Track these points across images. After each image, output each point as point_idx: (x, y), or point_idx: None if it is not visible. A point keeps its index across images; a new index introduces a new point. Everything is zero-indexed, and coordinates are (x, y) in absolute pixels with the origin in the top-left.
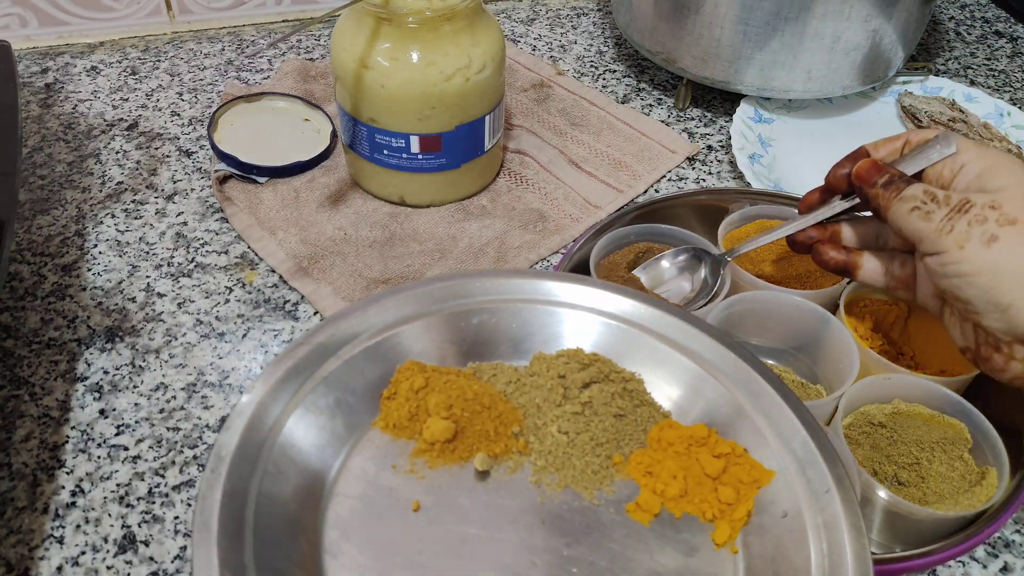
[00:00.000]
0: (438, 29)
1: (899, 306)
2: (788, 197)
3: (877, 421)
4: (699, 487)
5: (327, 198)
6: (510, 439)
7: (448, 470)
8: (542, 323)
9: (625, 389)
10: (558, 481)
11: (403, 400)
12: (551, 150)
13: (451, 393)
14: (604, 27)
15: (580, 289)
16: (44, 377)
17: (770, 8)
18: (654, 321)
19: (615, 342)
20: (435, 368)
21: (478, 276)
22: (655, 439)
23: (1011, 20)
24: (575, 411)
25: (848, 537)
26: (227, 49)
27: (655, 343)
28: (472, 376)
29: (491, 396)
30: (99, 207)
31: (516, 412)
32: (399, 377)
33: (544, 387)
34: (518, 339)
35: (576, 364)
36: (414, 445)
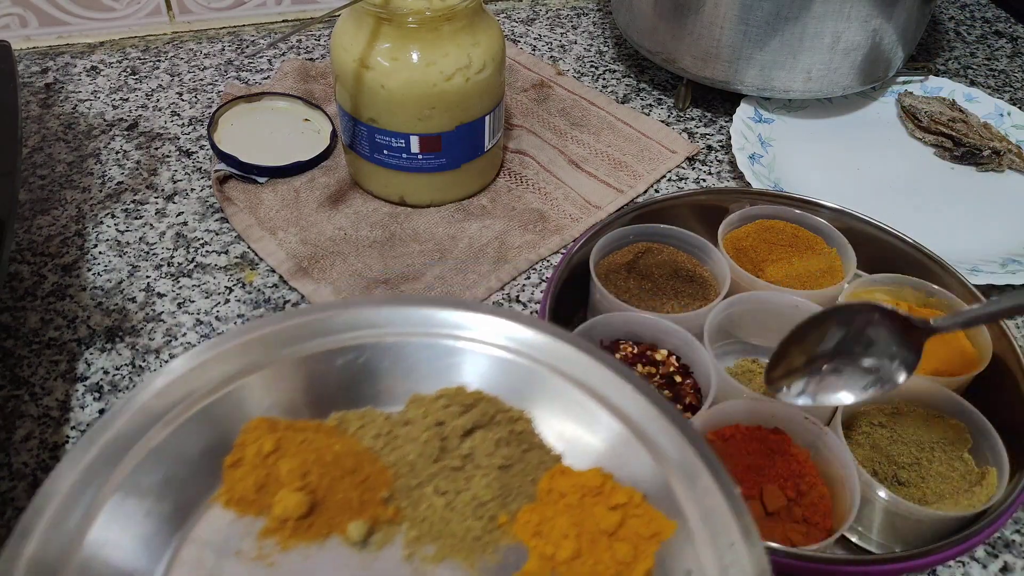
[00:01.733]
0: (438, 29)
1: (899, 306)
2: (788, 197)
3: (877, 421)
4: (594, 546)
5: (327, 198)
6: (378, 507)
7: (303, 551)
8: (419, 359)
9: (512, 432)
10: (435, 553)
11: (249, 468)
12: (551, 150)
13: (307, 457)
14: (604, 27)
15: (461, 316)
16: (44, 377)
17: (770, 8)
18: (545, 350)
19: (502, 376)
20: (289, 424)
21: (338, 308)
22: (545, 490)
23: (1011, 20)
24: (454, 466)
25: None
26: (227, 49)
27: (546, 375)
28: (335, 430)
29: (355, 456)
30: (99, 207)
31: (386, 473)
32: (244, 439)
33: (419, 439)
34: (391, 380)
35: (457, 407)
36: (263, 523)
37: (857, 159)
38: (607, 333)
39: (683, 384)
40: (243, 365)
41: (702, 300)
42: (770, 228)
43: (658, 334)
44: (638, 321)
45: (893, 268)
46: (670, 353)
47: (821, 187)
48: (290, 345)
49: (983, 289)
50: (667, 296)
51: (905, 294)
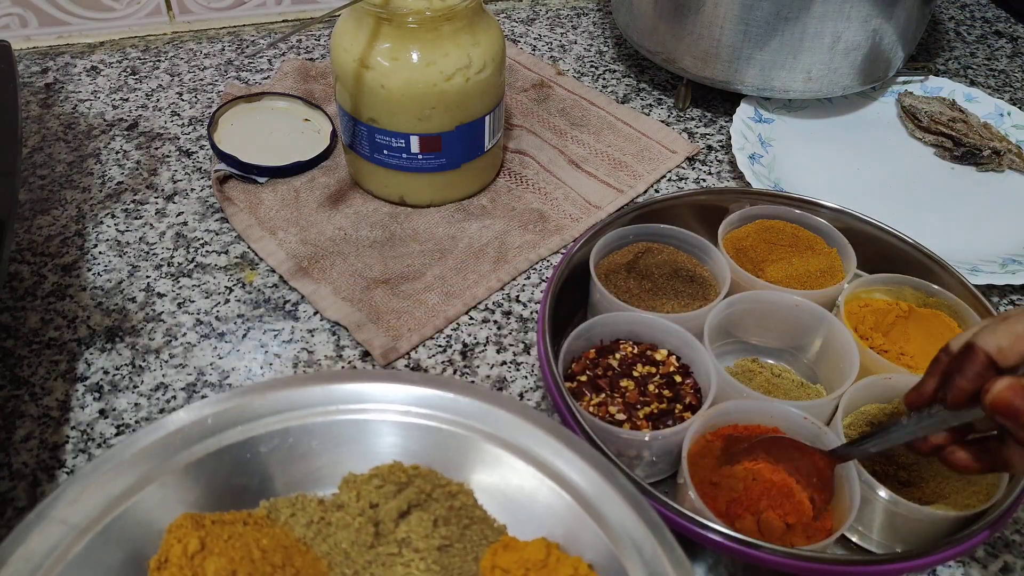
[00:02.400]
0: (438, 29)
1: (899, 306)
2: (788, 197)
3: (877, 421)
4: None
5: (327, 198)
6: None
7: None
8: (349, 437)
9: (451, 508)
10: None
11: (175, 570)
12: (551, 150)
13: (234, 555)
14: (604, 27)
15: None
16: (44, 377)
17: (770, 8)
18: (482, 418)
19: (438, 448)
20: (216, 518)
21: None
22: (488, 568)
23: (1011, 20)
24: (391, 552)
25: None
26: (227, 49)
27: (483, 442)
28: (264, 521)
29: (286, 549)
30: (99, 207)
31: (318, 564)
32: (169, 539)
33: (352, 526)
34: (322, 461)
35: (392, 486)
36: None
37: (857, 159)
38: (607, 333)
39: (683, 384)
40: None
41: (702, 300)
42: (770, 228)
43: (658, 334)
44: (638, 321)
45: (893, 268)
46: (670, 353)
47: (821, 187)
48: (211, 436)
49: (983, 289)
50: (667, 296)
51: (905, 294)
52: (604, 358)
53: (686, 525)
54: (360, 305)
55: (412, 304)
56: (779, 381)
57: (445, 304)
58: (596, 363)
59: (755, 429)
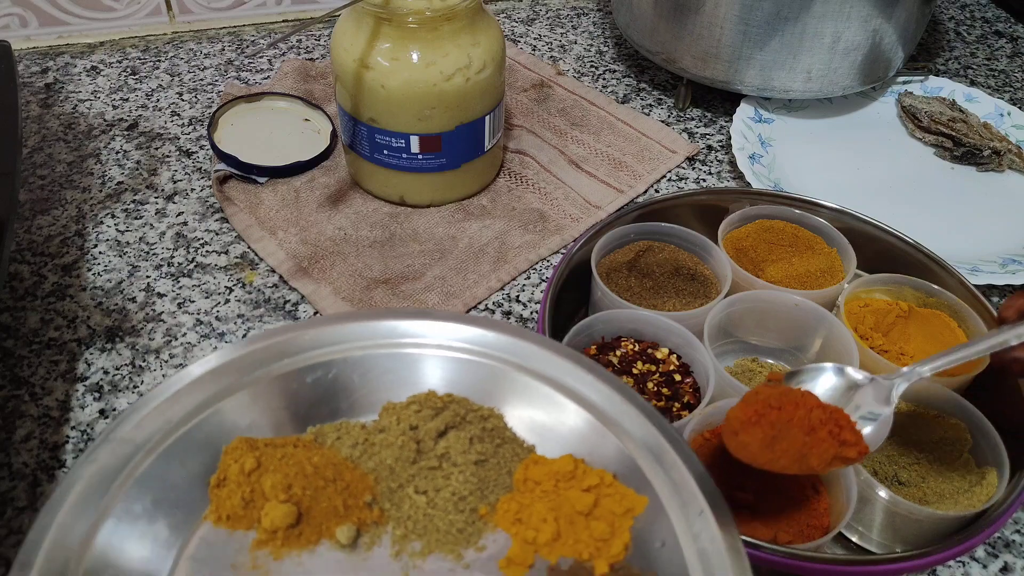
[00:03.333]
0: (438, 29)
1: (899, 306)
2: (788, 197)
3: None
4: (571, 527)
5: (327, 198)
6: (363, 510)
7: (296, 559)
8: (386, 369)
9: (484, 429)
10: (421, 549)
11: (234, 486)
12: (551, 150)
13: (288, 471)
14: (604, 27)
15: (423, 325)
16: (44, 377)
17: (770, 8)
18: (508, 349)
19: (469, 378)
20: (268, 442)
21: (304, 328)
22: (521, 480)
23: (1011, 20)
24: (432, 466)
25: (729, 562)
26: (227, 49)
27: (512, 372)
28: (312, 444)
29: (335, 466)
30: (99, 207)
31: (366, 478)
32: (226, 460)
33: (395, 444)
34: (362, 391)
35: (429, 411)
36: (254, 536)
37: (857, 159)
38: (608, 330)
39: (682, 383)
40: (216, 390)
41: (703, 298)
42: (770, 228)
43: (659, 332)
44: (639, 319)
45: (893, 268)
46: (670, 352)
47: (821, 187)
48: (261, 368)
49: (983, 289)
50: (668, 294)
51: (905, 294)
52: (605, 355)
53: None
54: (360, 305)
55: (412, 304)
56: None
57: (445, 304)
58: (596, 360)
59: None
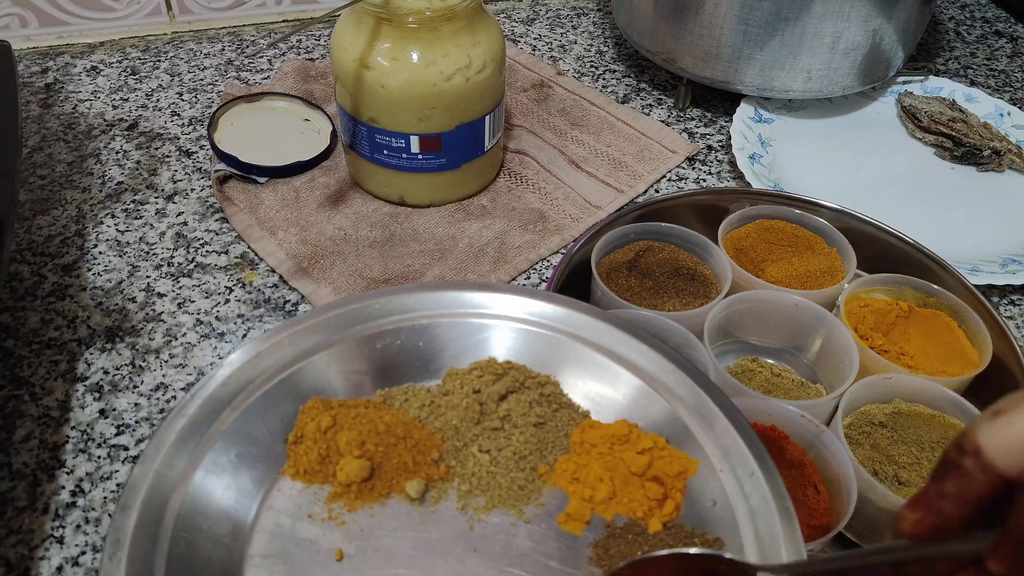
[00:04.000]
0: (438, 29)
1: (899, 306)
2: (788, 197)
3: (877, 421)
4: (627, 486)
5: (327, 198)
6: (431, 467)
7: (369, 511)
8: (450, 337)
9: (542, 395)
10: (485, 503)
11: (311, 443)
12: (551, 150)
13: (362, 428)
14: (604, 27)
15: (484, 296)
16: (44, 377)
17: (770, 8)
18: (563, 320)
19: (527, 347)
20: (342, 403)
21: (374, 297)
22: (577, 442)
23: (1011, 20)
24: (494, 427)
25: (779, 521)
26: (227, 49)
27: (567, 342)
28: (383, 405)
29: (405, 425)
30: (99, 207)
31: (433, 437)
32: (303, 418)
33: (460, 406)
34: (427, 358)
35: (490, 376)
36: (329, 489)
37: (857, 159)
38: None
39: None
40: (295, 353)
41: (703, 298)
42: (770, 228)
43: (659, 332)
44: (639, 319)
45: (893, 268)
46: None
47: (821, 187)
48: (335, 333)
49: (983, 289)
50: (668, 294)
51: (905, 294)
52: None
53: None
54: None
55: None
56: (779, 381)
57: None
58: None
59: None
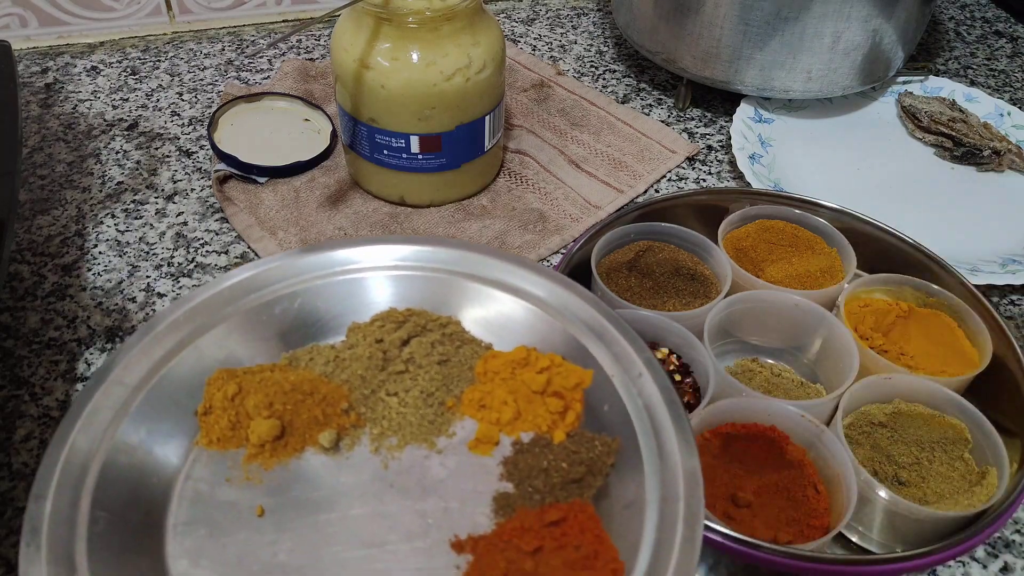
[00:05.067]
0: (438, 29)
1: (899, 306)
2: (788, 197)
3: (877, 421)
4: (530, 405)
5: (327, 198)
6: (341, 417)
7: (285, 467)
8: (348, 293)
9: (444, 335)
10: (397, 442)
11: (220, 411)
12: (551, 150)
13: (268, 390)
14: (604, 27)
15: (374, 249)
16: (44, 377)
17: (770, 8)
18: (457, 262)
19: (426, 293)
20: (246, 370)
21: (265, 264)
22: (481, 372)
23: (1011, 20)
24: (399, 371)
25: (667, 413)
26: (227, 49)
27: (463, 282)
28: (288, 367)
29: (311, 381)
30: (99, 207)
31: (341, 389)
32: (210, 389)
33: (364, 357)
34: (328, 316)
35: (392, 324)
36: (244, 452)
37: (857, 159)
38: None
39: (683, 383)
40: (192, 329)
41: (703, 298)
42: (770, 228)
43: (659, 332)
44: (639, 319)
45: (893, 268)
46: (670, 352)
47: (821, 187)
48: (231, 304)
49: (983, 289)
50: (668, 294)
51: (905, 294)
52: None
53: None
54: None
55: None
56: (779, 381)
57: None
58: None
59: (753, 428)
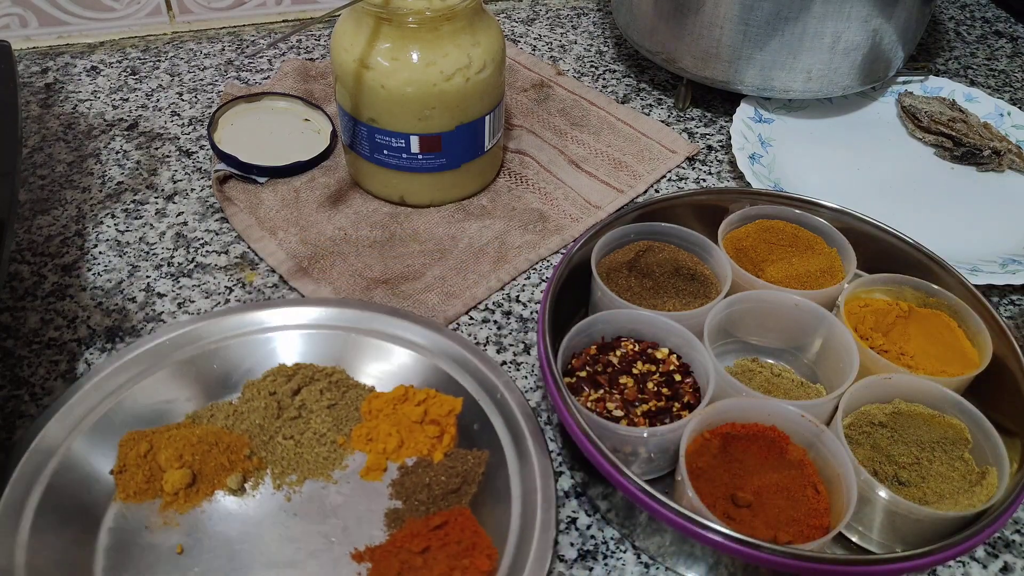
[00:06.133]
0: (438, 29)
1: (899, 306)
2: (788, 197)
3: (877, 421)
4: (411, 434)
5: (327, 198)
6: (245, 462)
7: (199, 509)
8: (243, 354)
9: (331, 382)
10: (297, 478)
11: (135, 468)
12: (551, 150)
13: (178, 444)
14: (604, 27)
15: (266, 313)
16: (44, 377)
17: (770, 8)
18: (337, 318)
19: (311, 347)
20: (154, 431)
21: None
22: (367, 411)
23: (1011, 20)
24: (293, 416)
25: (524, 424)
26: (227, 49)
27: (344, 335)
28: (191, 424)
29: (215, 433)
30: (99, 207)
31: (242, 438)
32: (123, 451)
33: (260, 408)
34: (223, 376)
35: (282, 378)
36: (160, 501)
37: (857, 159)
38: (608, 330)
39: (683, 383)
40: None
41: (703, 298)
42: (770, 228)
43: (659, 332)
44: (639, 319)
45: (893, 268)
46: (670, 352)
47: (821, 187)
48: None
49: (983, 289)
50: (668, 294)
51: (905, 294)
52: (605, 355)
53: (685, 524)
54: None
55: (412, 304)
56: (779, 381)
57: (445, 304)
58: (596, 359)
59: (753, 428)
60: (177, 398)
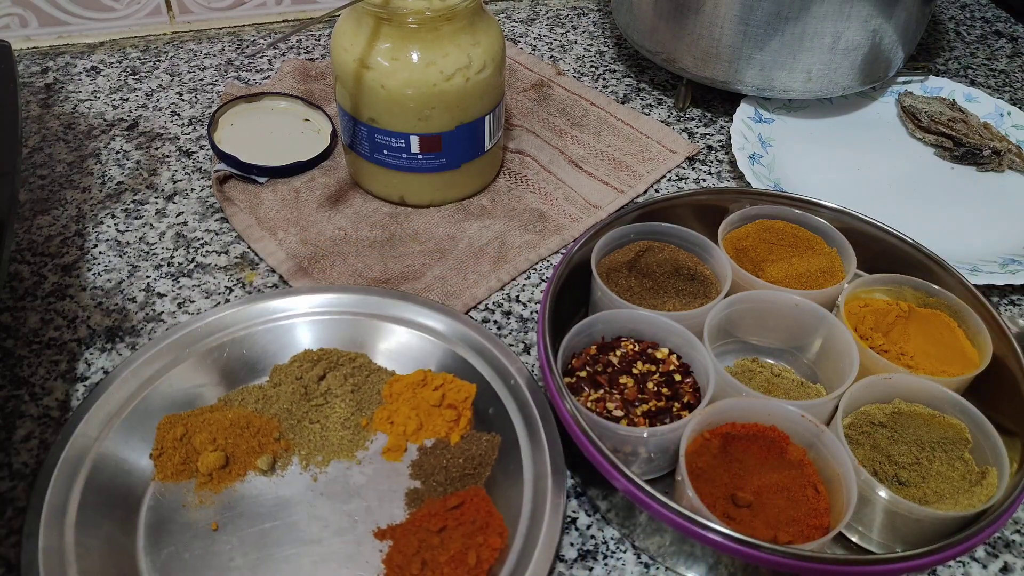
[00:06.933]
0: (438, 29)
1: (899, 306)
2: (788, 197)
3: (877, 421)
4: (430, 417)
5: (327, 198)
6: (274, 444)
7: (232, 489)
8: (269, 340)
9: (354, 367)
10: (323, 460)
11: (171, 452)
12: (551, 150)
13: (211, 428)
14: (604, 27)
15: (289, 300)
16: (44, 377)
17: (770, 8)
18: (359, 305)
19: (334, 333)
20: (188, 414)
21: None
22: (388, 395)
23: (1011, 20)
24: (319, 403)
25: (535, 409)
26: (227, 49)
27: (366, 321)
28: (223, 407)
29: (246, 417)
30: (99, 207)
31: (271, 421)
32: (160, 434)
33: (287, 393)
34: (253, 361)
35: (308, 363)
36: (195, 481)
37: (857, 159)
38: (608, 330)
39: (683, 383)
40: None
41: (703, 298)
42: (770, 228)
43: (659, 332)
44: (639, 319)
45: (893, 268)
46: (670, 352)
47: (821, 187)
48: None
49: (983, 289)
50: (668, 294)
51: (905, 294)
52: (605, 355)
53: (685, 524)
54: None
55: None
56: (779, 381)
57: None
58: (596, 359)
59: (753, 428)
60: (208, 383)
